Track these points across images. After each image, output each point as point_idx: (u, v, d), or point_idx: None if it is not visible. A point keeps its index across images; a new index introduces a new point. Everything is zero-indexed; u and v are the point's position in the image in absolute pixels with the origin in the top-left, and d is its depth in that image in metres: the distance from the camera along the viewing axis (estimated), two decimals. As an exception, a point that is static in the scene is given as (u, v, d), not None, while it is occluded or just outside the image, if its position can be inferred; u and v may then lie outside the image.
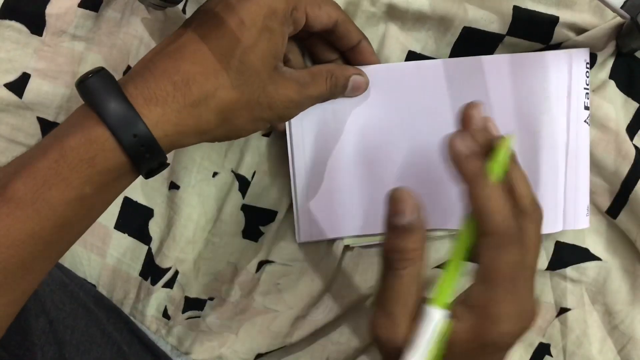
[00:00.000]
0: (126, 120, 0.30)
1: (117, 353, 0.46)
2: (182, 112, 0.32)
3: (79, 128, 0.30)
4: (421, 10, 0.41)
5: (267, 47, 0.34)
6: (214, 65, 0.32)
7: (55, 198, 0.29)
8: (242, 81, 0.33)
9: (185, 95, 0.31)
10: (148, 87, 0.31)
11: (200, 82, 0.32)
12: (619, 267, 0.45)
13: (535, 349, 0.47)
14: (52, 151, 0.29)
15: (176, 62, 0.32)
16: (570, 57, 0.41)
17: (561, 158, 0.41)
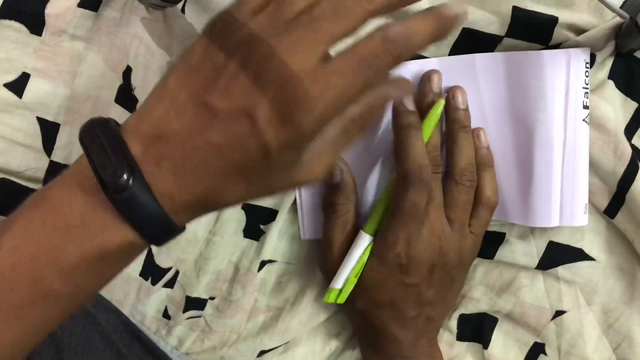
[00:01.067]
0: (163, 232, 0.29)
1: (116, 356, 0.46)
2: (197, 214, 0.30)
3: (115, 232, 0.28)
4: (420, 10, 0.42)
5: (292, 160, 0.28)
6: (235, 182, 0.28)
7: (90, 289, 0.31)
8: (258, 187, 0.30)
9: (203, 206, 0.29)
10: (177, 200, 0.28)
11: (218, 197, 0.29)
12: (615, 267, 0.45)
13: (529, 348, 0.47)
14: (91, 254, 0.28)
15: (199, 176, 0.28)
16: (569, 56, 0.41)
17: (558, 155, 0.42)
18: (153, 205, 0.27)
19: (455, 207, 0.42)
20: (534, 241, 0.46)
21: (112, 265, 0.30)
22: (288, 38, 0.26)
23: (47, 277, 0.28)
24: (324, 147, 0.30)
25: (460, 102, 0.42)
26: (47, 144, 0.46)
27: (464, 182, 0.42)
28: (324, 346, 0.49)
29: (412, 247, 0.40)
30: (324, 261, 0.44)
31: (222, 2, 0.43)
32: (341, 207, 0.43)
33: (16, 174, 0.47)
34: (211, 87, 0.27)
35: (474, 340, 0.48)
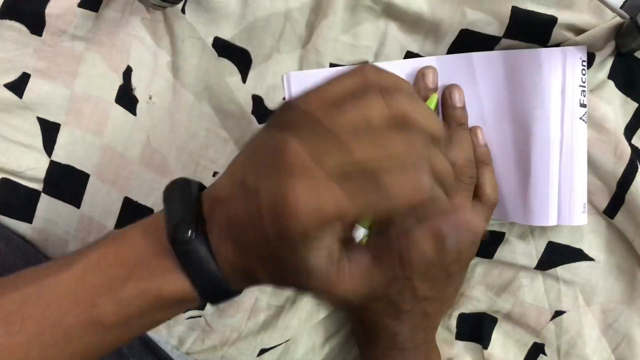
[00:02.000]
0: (217, 290, 0.30)
1: (117, 355, 0.46)
2: (246, 280, 0.31)
3: (172, 279, 0.30)
4: (420, 11, 0.42)
5: (298, 264, 0.28)
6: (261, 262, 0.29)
7: (139, 327, 0.32)
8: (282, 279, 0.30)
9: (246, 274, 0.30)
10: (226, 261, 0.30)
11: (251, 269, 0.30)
12: (614, 266, 0.45)
13: (529, 348, 0.47)
14: (148, 294, 0.30)
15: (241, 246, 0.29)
16: (564, 54, 0.41)
17: (554, 154, 0.42)
18: (209, 260, 0.29)
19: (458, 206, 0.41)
20: (534, 241, 0.46)
21: (162, 309, 0.31)
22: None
23: (102, 305, 0.30)
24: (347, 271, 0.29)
25: (457, 100, 0.43)
26: (48, 143, 0.46)
27: (463, 178, 0.42)
28: (323, 343, 0.49)
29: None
30: None
31: (222, 3, 0.43)
32: None
33: (17, 174, 0.47)
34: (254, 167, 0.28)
35: (473, 340, 0.49)
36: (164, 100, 0.46)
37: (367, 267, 0.30)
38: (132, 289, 0.30)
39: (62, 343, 0.30)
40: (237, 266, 0.30)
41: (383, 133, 0.26)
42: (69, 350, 0.31)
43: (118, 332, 0.31)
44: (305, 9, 0.44)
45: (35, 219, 0.48)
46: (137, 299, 0.30)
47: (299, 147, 0.26)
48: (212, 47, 0.44)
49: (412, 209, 0.26)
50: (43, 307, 0.30)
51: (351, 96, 0.27)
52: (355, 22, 0.43)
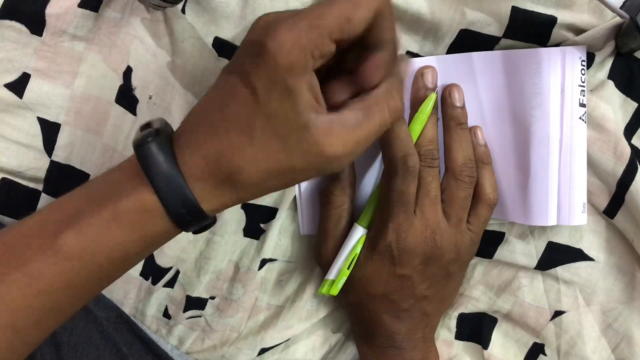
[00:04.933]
0: (178, 196, 0.30)
1: (117, 354, 0.46)
2: (218, 189, 0.31)
3: (132, 192, 0.30)
4: (419, 11, 0.42)
5: (290, 108, 0.29)
6: (237, 139, 0.30)
7: (101, 255, 0.31)
8: (268, 152, 0.30)
9: (217, 171, 0.30)
10: (191, 162, 0.30)
11: (227, 158, 0.30)
12: (614, 267, 0.45)
13: (529, 348, 0.47)
14: (105, 211, 0.30)
15: (206, 135, 0.30)
16: (564, 53, 0.41)
17: (554, 153, 0.42)
18: (169, 161, 0.30)
19: (453, 203, 0.42)
20: (534, 241, 0.46)
21: (126, 231, 0.30)
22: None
23: (61, 235, 0.30)
24: (340, 121, 0.30)
25: (456, 99, 0.43)
26: (48, 143, 0.46)
27: (462, 178, 0.42)
28: (323, 342, 0.49)
29: (402, 237, 0.40)
30: (317, 253, 0.45)
31: (222, 3, 0.43)
32: (336, 198, 0.43)
33: (17, 174, 0.47)
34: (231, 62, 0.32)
35: (473, 340, 0.49)
36: (163, 100, 0.46)
37: (354, 119, 0.31)
38: (89, 212, 0.30)
39: (26, 279, 0.30)
40: (197, 161, 0.30)
41: None
42: (34, 288, 0.30)
43: (82, 264, 0.31)
44: (305, 8, 0.44)
45: (35, 219, 0.48)
46: (94, 220, 0.30)
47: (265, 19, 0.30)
48: (212, 47, 0.45)
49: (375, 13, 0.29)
50: (5, 247, 0.31)
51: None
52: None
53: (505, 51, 0.42)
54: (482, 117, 0.43)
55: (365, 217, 0.42)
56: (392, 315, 0.43)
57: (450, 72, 0.43)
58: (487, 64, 0.42)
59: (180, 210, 0.30)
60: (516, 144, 0.43)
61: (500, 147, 0.43)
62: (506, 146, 0.43)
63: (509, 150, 0.43)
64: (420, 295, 0.43)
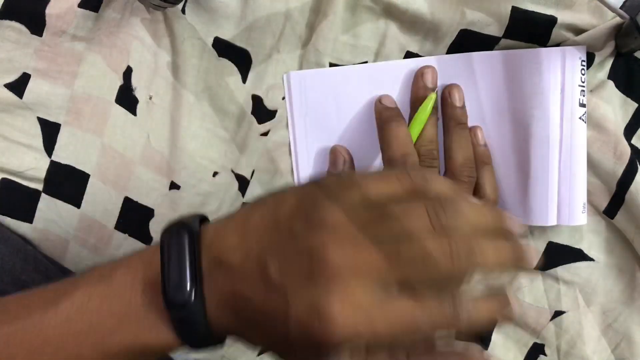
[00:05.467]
0: (204, 344, 0.30)
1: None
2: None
3: (161, 334, 0.29)
4: (419, 11, 0.42)
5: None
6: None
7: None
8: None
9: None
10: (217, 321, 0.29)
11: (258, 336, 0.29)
12: (614, 267, 0.45)
13: (529, 349, 0.47)
14: (134, 347, 0.29)
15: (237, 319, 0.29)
16: (563, 53, 0.41)
17: (554, 153, 0.42)
18: (202, 325, 0.28)
19: None
20: (533, 241, 0.46)
21: (147, 358, 0.30)
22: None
23: (87, 355, 0.29)
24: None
25: (457, 99, 0.43)
26: (48, 144, 0.46)
27: (462, 177, 0.41)
28: None
29: None
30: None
31: (222, 3, 0.43)
32: None
33: (17, 174, 0.47)
34: (278, 252, 0.27)
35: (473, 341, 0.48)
36: (163, 100, 0.46)
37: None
38: (119, 342, 0.29)
39: None
40: (231, 331, 0.29)
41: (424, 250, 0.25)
42: None
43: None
44: (305, 9, 0.44)
45: (35, 219, 0.48)
46: (123, 352, 0.29)
47: (337, 259, 0.25)
48: (212, 47, 0.45)
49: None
50: (27, 350, 0.29)
51: (394, 202, 0.26)
52: (355, 22, 0.43)
53: (505, 51, 0.42)
54: (482, 117, 0.43)
55: None
56: None
57: (450, 72, 0.43)
58: (487, 64, 0.42)
59: (201, 347, 0.30)
60: (516, 144, 0.43)
61: (500, 147, 0.43)
62: (506, 146, 0.43)
63: (508, 150, 0.43)
64: None
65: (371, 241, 0.25)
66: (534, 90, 0.41)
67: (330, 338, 0.25)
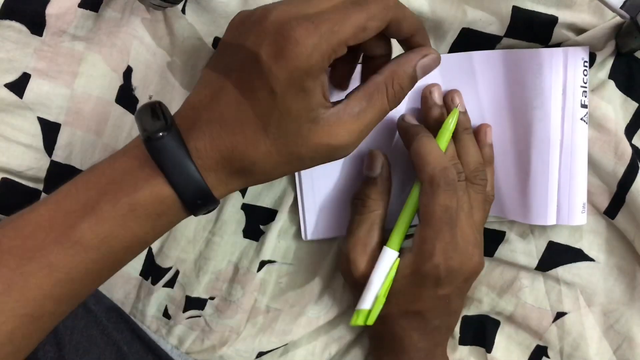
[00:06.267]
0: (192, 187, 0.31)
1: (117, 353, 0.46)
2: (230, 178, 0.33)
3: (146, 184, 0.31)
4: (420, 10, 0.42)
5: (303, 106, 0.31)
6: (253, 135, 0.31)
7: (117, 245, 0.32)
8: (281, 145, 0.32)
9: (231, 164, 0.32)
10: (203, 154, 0.32)
11: (242, 152, 0.32)
12: (615, 267, 0.45)
13: (532, 351, 0.47)
14: (121, 204, 0.31)
15: (221, 129, 0.32)
16: (566, 54, 0.41)
17: (554, 154, 0.42)
18: (183, 155, 0.31)
19: (476, 209, 0.41)
20: (534, 240, 0.46)
21: (142, 221, 0.32)
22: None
23: (79, 226, 0.31)
24: (346, 111, 0.32)
25: (460, 106, 0.42)
26: (48, 143, 0.46)
27: (478, 182, 0.41)
28: (323, 350, 0.49)
29: (450, 257, 0.38)
30: (348, 269, 0.42)
31: (222, 3, 0.43)
32: (372, 202, 0.42)
33: (17, 174, 0.47)
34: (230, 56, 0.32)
35: (476, 343, 0.48)
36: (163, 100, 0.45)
37: (358, 108, 0.33)
38: (105, 204, 0.31)
39: (45, 270, 0.31)
40: (212, 155, 0.31)
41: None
42: (52, 278, 0.31)
43: (99, 254, 0.31)
44: (305, 8, 0.44)
45: (35, 219, 0.48)
46: (111, 213, 0.31)
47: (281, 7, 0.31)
48: (212, 47, 0.45)
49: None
50: (22, 239, 0.31)
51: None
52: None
53: (506, 51, 0.42)
54: (482, 116, 0.43)
55: (396, 239, 0.40)
56: (421, 332, 0.42)
57: (450, 71, 0.43)
58: (487, 63, 0.42)
59: (195, 201, 0.32)
60: (516, 144, 0.43)
61: (501, 146, 0.43)
62: (506, 145, 0.43)
63: (509, 149, 0.43)
64: (452, 311, 0.42)
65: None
66: (536, 90, 0.41)
67: (304, 55, 0.29)
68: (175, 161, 0.31)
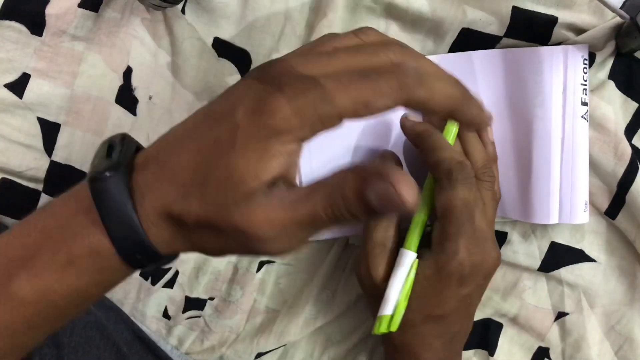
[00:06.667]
0: (134, 241, 0.27)
1: (117, 354, 0.46)
2: (173, 236, 0.28)
3: (85, 234, 0.28)
4: (420, 10, 0.42)
5: (250, 171, 0.25)
6: (186, 189, 0.27)
7: (59, 298, 0.29)
8: (206, 211, 0.26)
9: (167, 221, 0.27)
10: (146, 204, 0.27)
11: (176, 208, 0.27)
12: (616, 268, 0.45)
13: (534, 353, 0.47)
14: (59, 254, 0.28)
15: (163, 176, 0.27)
16: (566, 52, 0.41)
17: (556, 152, 0.42)
18: (127, 200, 0.27)
19: (487, 205, 0.40)
20: (536, 241, 0.45)
21: (82, 275, 0.28)
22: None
23: (17, 277, 0.28)
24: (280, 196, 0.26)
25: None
26: (48, 144, 0.46)
27: (486, 178, 0.40)
28: (322, 352, 0.49)
29: (473, 253, 0.37)
30: (364, 267, 0.40)
31: (222, 3, 0.43)
32: None
33: (17, 174, 0.47)
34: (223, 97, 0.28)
35: (479, 347, 0.48)
36: (163, 100, 0.46)
37: (295, 196, 0.26)
38: (43, 254, 0.28)
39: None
40: (162, 210, 0.27)
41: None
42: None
43: (40, 308, 0.29)
44: (305, 9, 0.44)
45: (35, 219, 0.48)
46: (49, 264, 0.28)
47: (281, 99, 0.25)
48: (212, 47, 0.45)
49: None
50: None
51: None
52: (355, 22, 0.43)
53: (505, 50, 0.42)
54: None
55: (413, 240, 0.38)
56: (443, 340, 0.40)
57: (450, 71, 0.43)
58: (487, 62, 0.42)
59: (135, 256, 0.28)
60: (517, 142, 0.43)
61: (502, 145, 0.43)
62: (507, 144, 0.43)
63: (510, 148, 0.43)
64: (471, 314, 0.41)
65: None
66: (536, 89, 0.41)
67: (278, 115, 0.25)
68: (116, 207, 0.27)
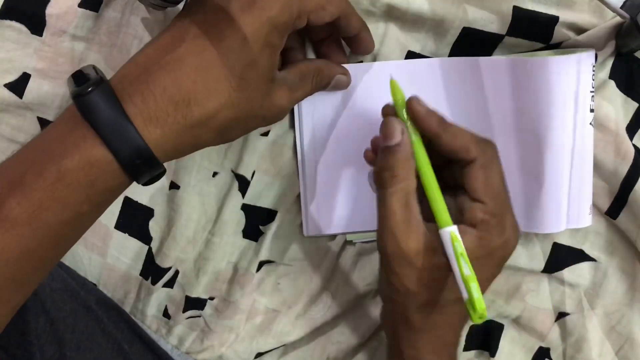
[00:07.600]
0: (129, 144, 0.29)
1: (118, 352, 0.46)
2: (182, 133, 0.31)
3: (76, 148, 0.29)
4: (420, 10, 0.41)
5: (267, 63, 0.32)
6: (216, 85, 0.30)
7: (51, 219, 0.29)
8: (242, 99, 0.32)
9: (186, 116, 0.30)
10: (148, 107, 0.29)
11: (202, 103, 0.30)
12: (617, 268, 0.45)
13: (534, 353, 0.47)
14: (48, 172, 0.29)
15: (177, 79, 0.30)
16: (579, 62, 0.40)
17: (566, 161, 0.41)
18: (117, 109, 0.29)
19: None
20: (539, 243, 0.45)
21: (73, 190, 0.29)
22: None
23: (8, 200, 0.28)
24: (287, 80, 0.36)
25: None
26: (48, 143, 0.46)
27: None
28: (321, 352, 0.49)
29: (516, 229, 0.36)
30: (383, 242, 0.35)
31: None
32: (401, 170, 0.35)
33: (17, 174, 0.47)
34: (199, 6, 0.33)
35: (480, 347, 0.48)
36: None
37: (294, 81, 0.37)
38: (31, 175, 0.28)
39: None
40: (172, 109, 0.29)
41: None
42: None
43: (32, 230, 0.29)
44: (305, 9, 0.44)
45: (35, 219, 0.48)
46: (38, 183, 0.28)
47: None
48: (212, 47, 0.45)
49: None
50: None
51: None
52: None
53: (513, 58, 0.41)
54: (489, 123, 0.42)
55: (444, 215, 0.34)
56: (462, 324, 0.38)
57: (455, 75, 0.42)
58: (494, 70, 0.41)
59: (134, 159, 0.29)
60: (526, 154, 0.42)
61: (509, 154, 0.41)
62: (514, 156, 0.42)
63: (516, 159, 0.42)
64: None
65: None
66: (549, 99, 0.40)
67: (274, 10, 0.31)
68: (107, 116, 0.28)
